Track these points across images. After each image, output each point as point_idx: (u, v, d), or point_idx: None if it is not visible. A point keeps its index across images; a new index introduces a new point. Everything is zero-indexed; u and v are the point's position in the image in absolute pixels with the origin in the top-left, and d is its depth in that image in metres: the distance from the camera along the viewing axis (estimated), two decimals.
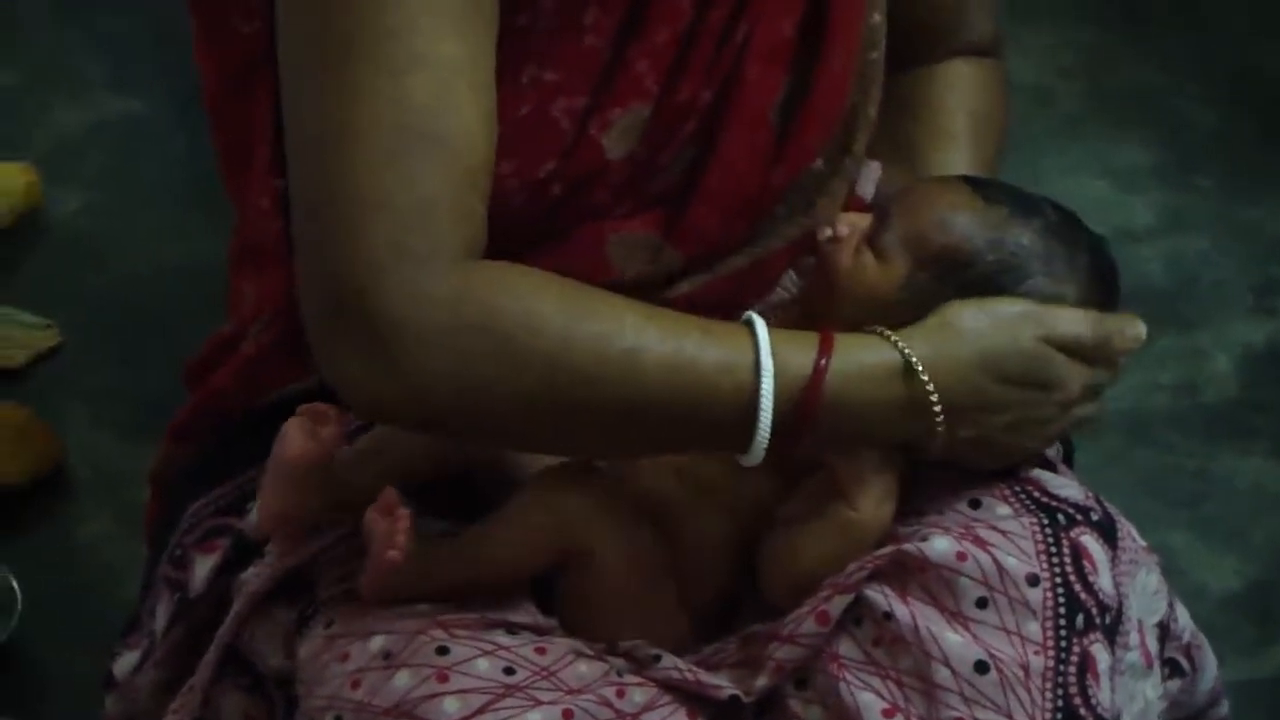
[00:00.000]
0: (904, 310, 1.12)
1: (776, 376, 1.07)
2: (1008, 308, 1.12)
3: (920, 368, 1.09)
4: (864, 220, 1.17)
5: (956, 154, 1.33)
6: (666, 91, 1.16)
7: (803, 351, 1.08)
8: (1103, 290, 1.16)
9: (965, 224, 1.14)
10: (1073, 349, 1.12)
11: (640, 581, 1.15)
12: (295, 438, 1.14)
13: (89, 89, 2.34)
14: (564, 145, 1.16)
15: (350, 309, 1.04)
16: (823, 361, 1.08)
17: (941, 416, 1.09)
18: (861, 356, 1.09)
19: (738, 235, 1.22)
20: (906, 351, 1.09)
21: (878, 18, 1.23)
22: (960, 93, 1.36)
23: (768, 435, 1.07)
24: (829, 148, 1.23)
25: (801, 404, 1.07)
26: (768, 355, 1.07)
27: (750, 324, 1.09)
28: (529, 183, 1.15)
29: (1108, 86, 2.36)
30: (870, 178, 1.30)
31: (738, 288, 1.22)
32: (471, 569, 1.14)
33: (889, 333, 1.10)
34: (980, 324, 1.11)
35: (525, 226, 1.15)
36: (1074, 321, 1.13)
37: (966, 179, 1.20)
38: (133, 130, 2.27)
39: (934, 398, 1.09)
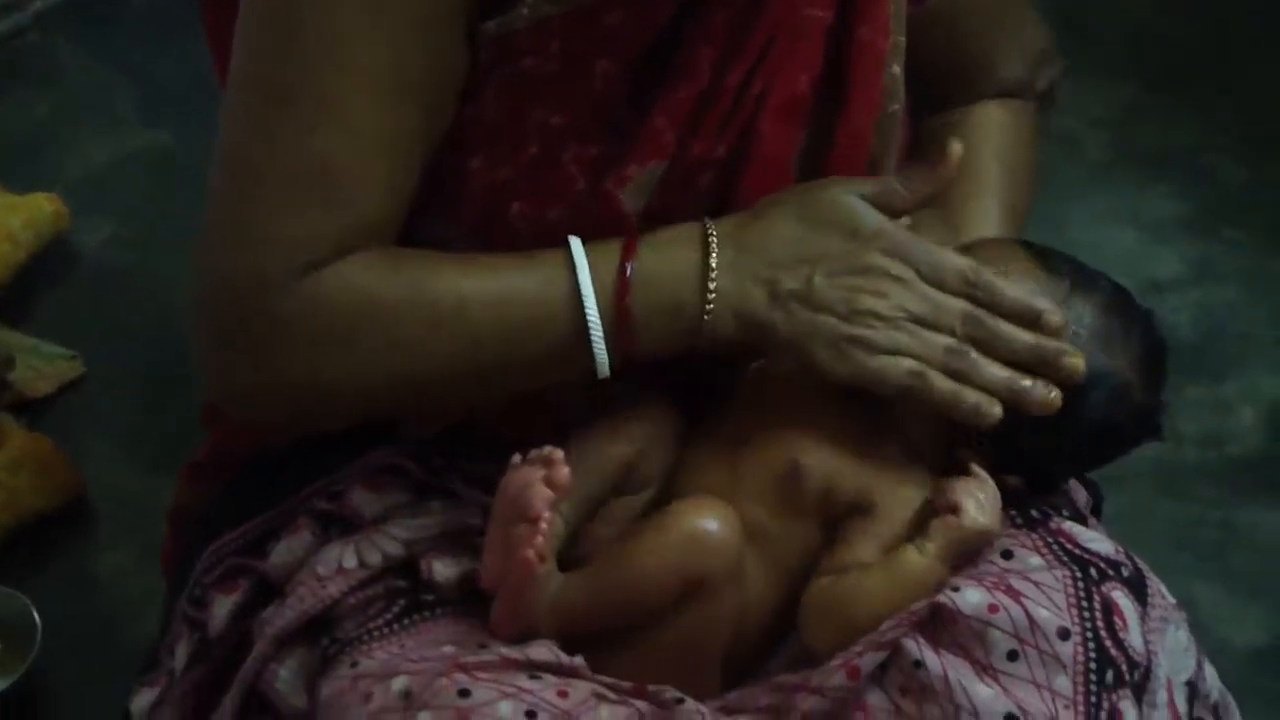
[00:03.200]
0: None
1: (589, 256, 1.11)
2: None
3: (711, 228, 1.12)
4: None
5: (987, 200, 1.33)
6: (682, 147, 1.16)
7: (611, 245, 1.12)
8: (1152, 366, 1.16)
9: (1028, 289, 1.13)
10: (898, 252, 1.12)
11: (717, 637, 1.14)
12: (531, 487, 1.11)
13: (119, 121, 2.35)
14: (577, 194, 1.16)
15: (219, 326, 1.14)
16: (632, 240, 1.12)
17: (718, 259, 1.10)
18: (667, 231, 1.13)
19: None
20: (707, 222, 1.12)
21: (896, 69, 1.23)
22: (991, 137, 1.36)
23: (604, 345, 1.10)
24: None
25: (618, 286, 1.10)
26: (583, 261, 1.10)
27: (566, 243, 1.12)
28: (537, 222, 1.16)
29: (1137, 136, 2.36)
30: (899, 224, 1.29)
31: None
32: (602, 599, 1.12)
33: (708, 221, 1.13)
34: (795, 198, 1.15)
35: None
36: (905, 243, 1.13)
37: (1022, 243, 1.19)
38: (161, 162, 2.28)
39: (712, 234, 1.11)
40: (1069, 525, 1.15)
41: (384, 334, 1.12)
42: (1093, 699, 1.07)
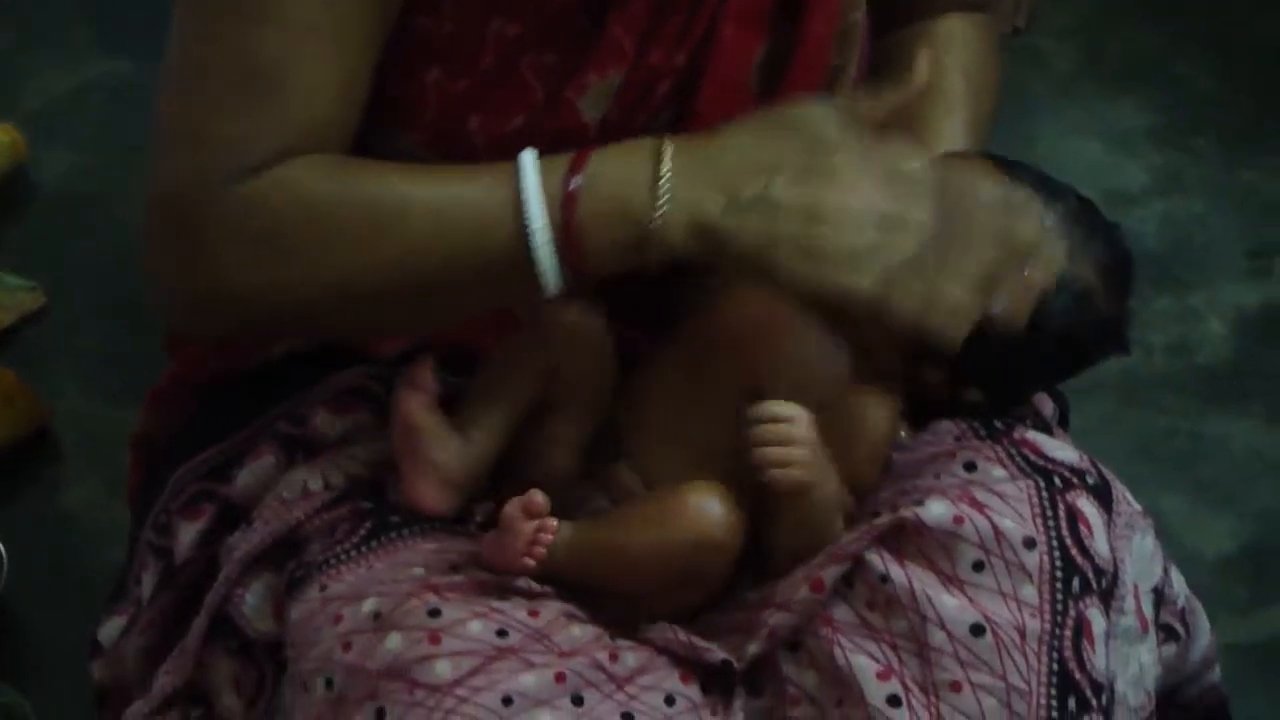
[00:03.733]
0: None
1: (540, 173, 1.06)
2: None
3: (666, 140, 1.07)
4: None
5: (953, 115, 1.31)
6: (640, 55, 1.15)
7: (561, 160, 1.07)
8: (1116, 277, 1.15)
9: (993, 200, 1.12)
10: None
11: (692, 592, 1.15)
12: (404, 397, 1.14)
13: (76, 51, 2.32)
14: (535, 103, 1.15)
15: (165, 226, 1.11)
16: (584, 154, 1.07)
17: (669, 168, 1.06)
18: (619, 148, 1.08)
19: None
20: (664, 137, 1.08)
21: None
22: (955, 51, 1.35)
23: (553, 261, 1.06)
24: None
25: (565, 201, 1.06)
26: (533, 177, 1.06)
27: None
28: (497, 137, 1.15)
29: (1105, 48, 2.35)
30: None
31: None
32: (601, 561, 1.12)
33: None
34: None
35: None
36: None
37: (988, 156, 1.19)
38: (120, 91, 2.26)
39: (667, 148, 1.06)
40: (1033, 435, 1.14)
41: (320, 237, 1.08)
42: (1059, 607, 1.07)
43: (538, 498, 1.10)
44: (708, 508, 1.11)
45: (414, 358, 1.20)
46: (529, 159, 1.07)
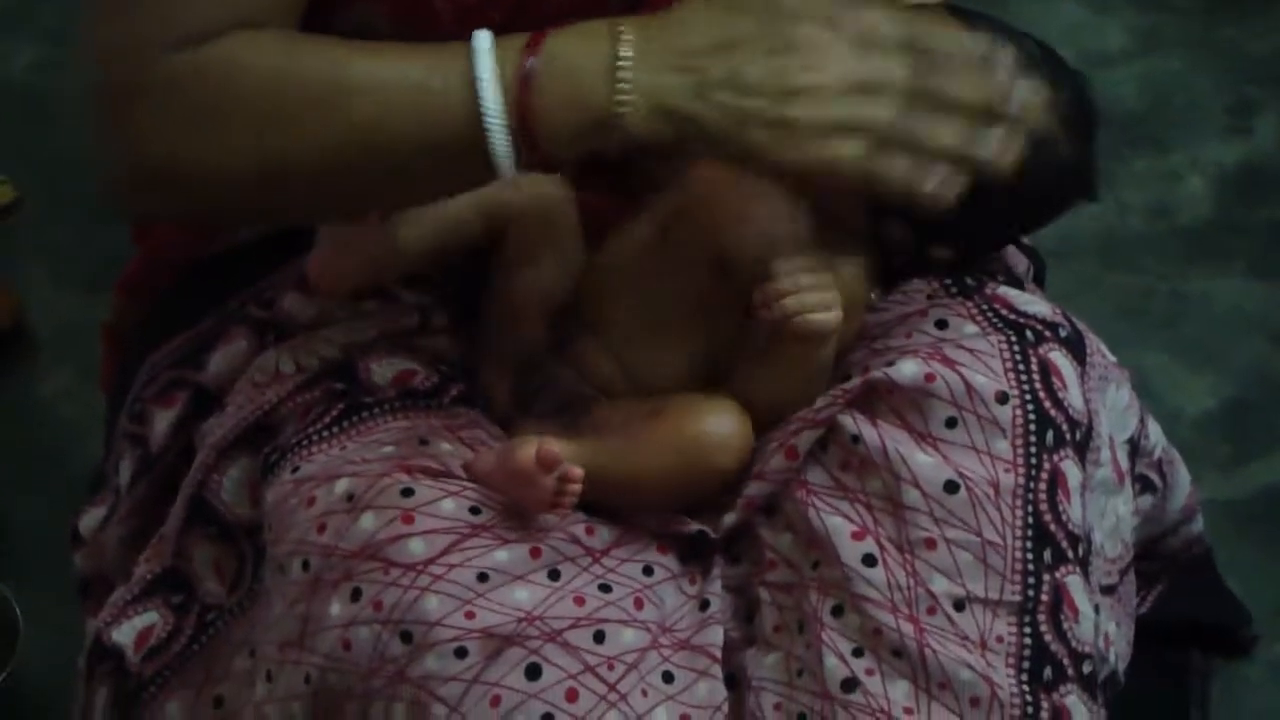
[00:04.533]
0: None
1: (495, 58, 1.01)
2: None
3: (621, 22, 1.02)
4: None
5: None
6: None
7: (516, 42, 1.02)
8: (1079, 121, 1.13)
9: (964, 54, 1.08)
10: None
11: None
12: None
13: None
14: None
15: (99, 95, 1.06)
16: (539, 36, 1.02)
17: (630, 47, 1.01)
18: (574, 29, 1.03)
19: None
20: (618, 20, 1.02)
21: None
22: None
23: (506, 143, 1.01)
24: None
25: (519, 90, 1.01)
26: (486, 60, 1.01)
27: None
28: (462, 8, 1.12)
29: None
30: None
31: None
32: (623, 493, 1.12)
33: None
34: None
35: None
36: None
37: (951, 7, 1.16)
38: None
39: (625, 30, 1.01)
40: (1004, 290, 1.14)
41: (258, 112, 1.03)
42: (1033, 460, 1.07)
43: (552, 449, 1.07)
44: (728, 435, 1.10)
45: None
46: (483, 39, 1.02)
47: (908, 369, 1.08)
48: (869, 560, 1.06)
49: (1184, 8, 2.21)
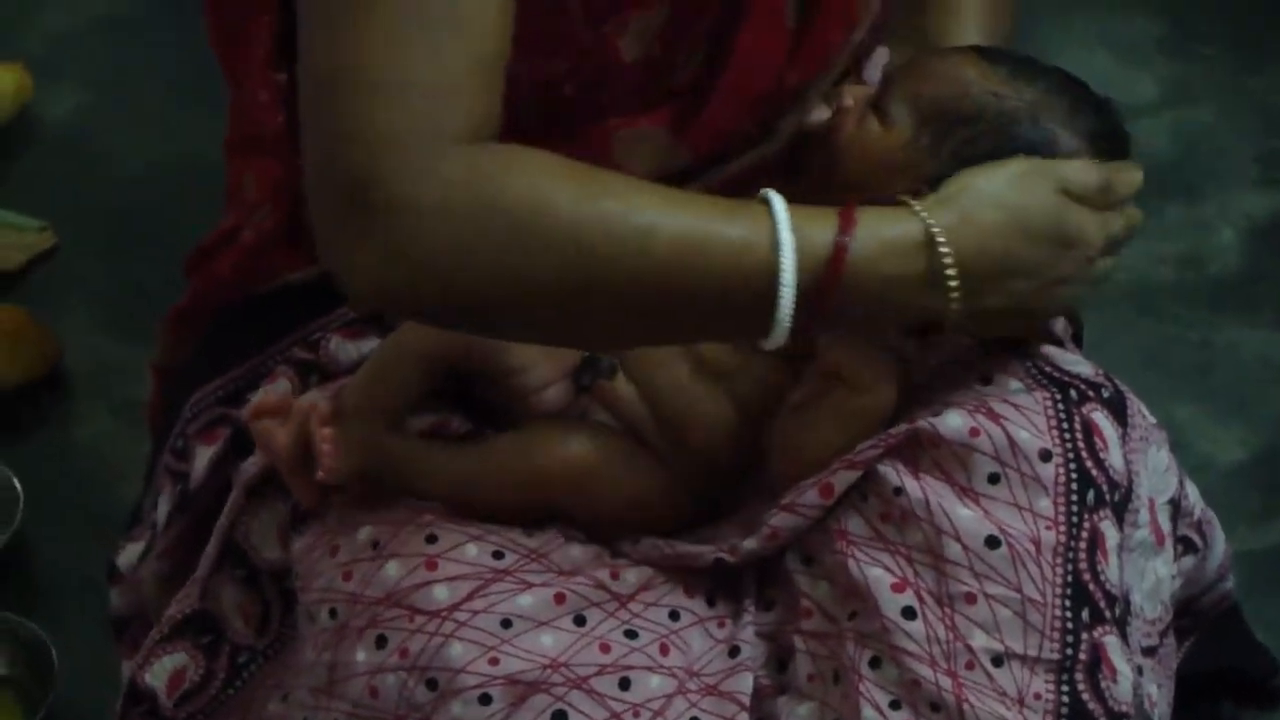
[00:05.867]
0: (907, 174, 1.10)
1: (797, 253, 1.02)
2: (1019, 165, 1.08)
3: (942, 239, 1.04)
4: (868, 90, 1.15)
5: (969, 32, 1.30)
6: None
7: (823, 227, 1.03)
8: (1109, 150, 1.14)
9: (968, 80, 1.12)
10: (1086, 197, 1.09)
11: (640, 512, 1.15)
12: (275, 438, 1.15)
13: None
14: (579, 46, 1.13)
15: (353, 190, 0.99)
16: (845, 238, 1.03)
17: (958, 291, 1.05)
18: (883, 230, 1.04)
19: (749, 134, 1.20)
20: (929, 222, 1.04)
21: None
22: None
23: (789, 315, 1.02)
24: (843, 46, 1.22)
25: (823, 281, 1.02)
26: (787, 230, 1.02)
27: (767, 201, 1.04)
28: (540, 83, 1.13)
29: None
30: (878, 63, 1.28)
31: (746, 187, 1.20)
32: (460, 492, 1.13)
33: (913, 202, 1.06)
34: (997, 185, 1.07)
35: (533, 125, 1.11)
36: (1082, 170, 1.09)
37: (975, 47, 1.18)
38: (124, 28, 2.25)
39: (951, 271, 1.04)
40: (1048, 349, 1.14)
41: (558, 239, 1.00)
42: (1074, 519, 1.07)
43: (324, 408, 1.11)
44: (552, 434, 1.12)
45: None
46: (779, 205, 1.03)
47: (953, 421, 1.08)
48: (909, 613, 1.06)
49: (1214, 58, 2.22)
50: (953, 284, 1.04)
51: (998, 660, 1.05)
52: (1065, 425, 1.09)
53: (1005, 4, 1.35)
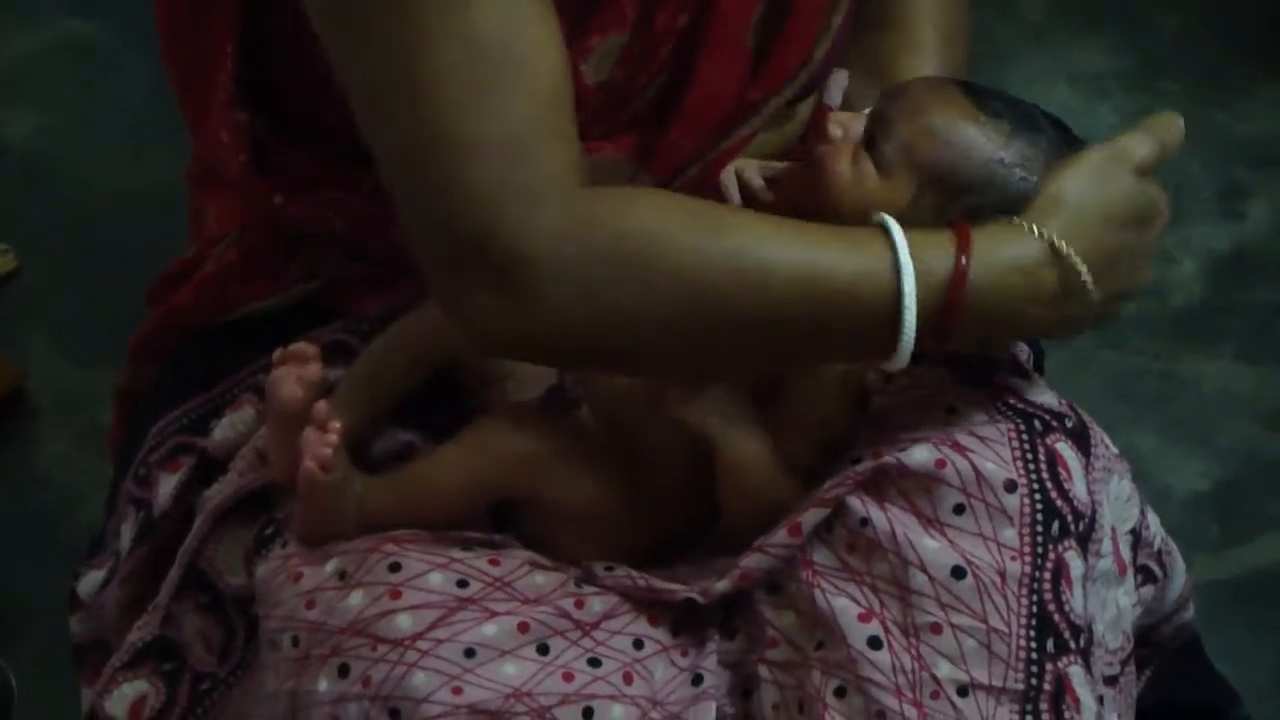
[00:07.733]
0: (908, 224, 1.08)
1: (918, 278, 1.04)
2: (1094, 158, 1.11)
3: (1070, 252, 1.06)
4: (857, 121, 1.14)
5: (925, 62, 1.31)
6: (644, 18, 1.15)
7: (941, 250, 1.05)
8: None
9: (970, 143, 1.10)
10: (1148, 168, 1.12)
11: (596, 517, 1.14)
12: (285, 385, 1.13)
13: (39, 11, 2.31)
14: None
15: (472, 250, 1.01)
16: (963, 260, 1.05)
17: (1097, 295, 1.07)
18: (1003, 250, 1.06)
19: (703, 151, 1.21)
20: (1053, 237, 1.06)
21: None
22: (927, 5, 1.35)
23: (913, 339, 1.04)
24: (802, 66, 1.22)
25: (947, 304, 1.04)
26: (907, 257, 1.04)
27: (884, 226, 1.05)
28: (609, 97, 1.14)
29: None
30: (838, 85, 1.28)
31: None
32: (409, 505, 1.13)
33: (1021, 221, 1.07)
34: (1085, 184, 1.09)
35: None
36: (1143, 144, 1.12)
37: (958, 83, 1.17)
38: (88, 53, 2.25)
39: (1087, 279, 1.07)
40: (1013, 380, 1.15)
41: (684, 282, 1.02)
42: (1039, 550, 1.07)
43: (322, 408, 1.10)
44: (500, 422, 1.12)
45: (395, 317, 1.19)
46: (897, 232, 1.05)
47: (919, 455, 1.08)
48: (874, 643, 1.06)
49: (1173, 91, 2.23)
50: (1091, 291, 1.07)
51: (963, 690, 1.05)
52: (1030, 456, 1.09)
53: (961, 34, 1.36)
